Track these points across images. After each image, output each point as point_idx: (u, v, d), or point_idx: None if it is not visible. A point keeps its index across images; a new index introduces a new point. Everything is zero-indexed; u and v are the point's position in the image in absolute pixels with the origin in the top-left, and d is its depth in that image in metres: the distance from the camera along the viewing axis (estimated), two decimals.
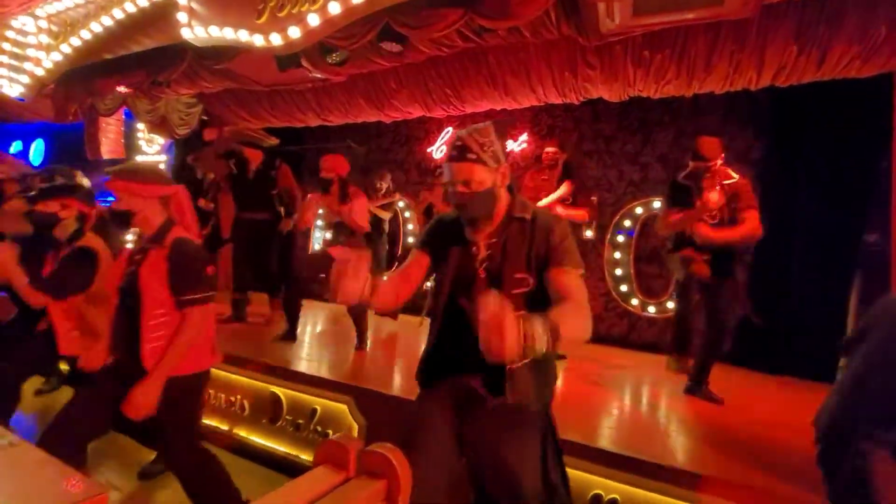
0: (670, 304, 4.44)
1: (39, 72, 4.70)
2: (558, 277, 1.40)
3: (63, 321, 2.32)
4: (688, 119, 4.74)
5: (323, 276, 4.04)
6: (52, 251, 2.47)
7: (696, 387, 3.04)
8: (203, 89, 4.93)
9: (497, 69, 4.44)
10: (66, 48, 4.41)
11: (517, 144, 5.74)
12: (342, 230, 3.88)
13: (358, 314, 3.59)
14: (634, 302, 4.81)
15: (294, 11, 2.95)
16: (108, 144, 6.17)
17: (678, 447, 2.18)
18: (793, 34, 3.20)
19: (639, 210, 4.89)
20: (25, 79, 4.80)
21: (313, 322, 4.81)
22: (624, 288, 4.87)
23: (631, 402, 3.04)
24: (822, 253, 4.07)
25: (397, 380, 2.80)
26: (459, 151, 1.42)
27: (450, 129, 6.15)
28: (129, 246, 2.74)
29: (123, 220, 1.85)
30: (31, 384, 3.59)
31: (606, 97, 4.51)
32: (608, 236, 5.02)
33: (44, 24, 4.60)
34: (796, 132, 4.31)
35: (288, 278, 4.49)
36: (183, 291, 1.82)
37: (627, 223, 4.93)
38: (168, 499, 2.25)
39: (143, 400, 1.70)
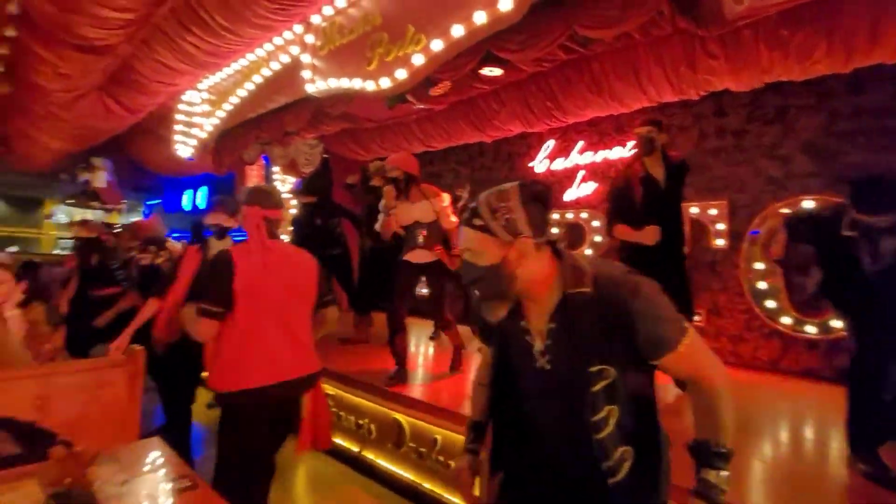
0: (836, 323, 3.70)
1: (202, 135, 5.69)
2: (679, 364, 1.06)
3: None
4: (844, 99, 3.97)
5: (423, 290, 3.81)
6: None
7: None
8: (324, 132, 5.52)
9: (601, 75, 4.24)
10: (220, 113, 5.28)
11: (627, 150, 5.35)
12: (418, 230, 3.36)
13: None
14: (786, 320, 4.10)
15: (400, 55, 3.15)
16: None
17: None
18: None
19: (785, 211, 4.18)
20: (193, 141, 5.84)
21: (416, 338, 4.89)
22: (771, 304, 4.18)
23: (790, 450, 2.55)
24: None
25: None
26: (469, 214, 1.11)
27: (551, 141, 5.99)
28: None
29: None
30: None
31: (734, 88, 4.01)
32: (744, 244, 4.38)
33: (205, 95, 5.57)
34: None
35: (383, 301, 3.98)
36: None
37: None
38: None
39: None
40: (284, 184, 7.51)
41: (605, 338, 1.05)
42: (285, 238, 5.83)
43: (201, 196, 11.21)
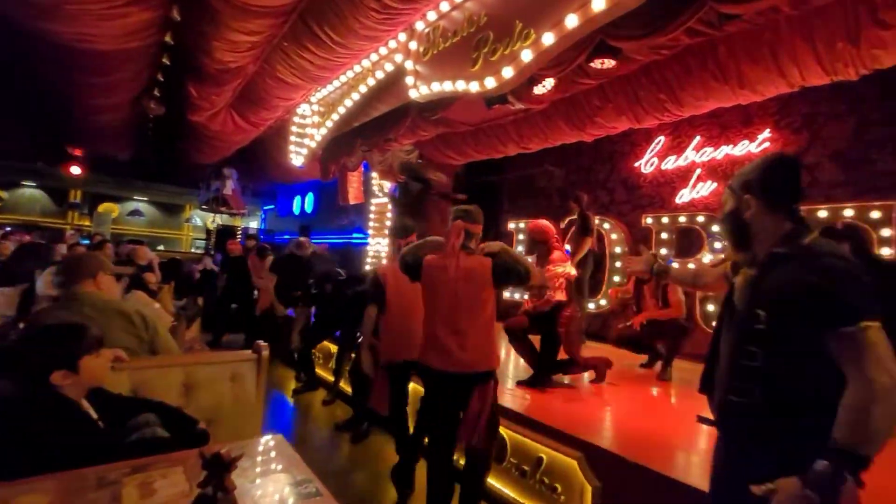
0: None
1: (312, 144, 6.13)
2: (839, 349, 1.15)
3: None
4: None
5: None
6: None
7: None
8: (421, 138, 5.62)
9: (728, 60, 3.72)
10: (329, 123, 5.64)
11: (756, 144, 4.67)
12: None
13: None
14: None
15: (506, 52, 3.05)
16: (353, 192, 7.61)
17: None
18: None
19: None
20: (304, 151, 6.33)
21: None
22: None
23: None
24: None
25: (638, 440, 2.43)
26: None
27: (661, 137, 5.46)
28: None
29: None
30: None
31: None
32: None
33: (315, 107, 6.00)
34: None
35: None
36: None
37: None
38: None
39: None
40: (381, 189, 7.83)
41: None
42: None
43: (309, 201, 12.19)
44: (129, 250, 5.36)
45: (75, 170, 10.97)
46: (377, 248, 7.92)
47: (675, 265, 4.50)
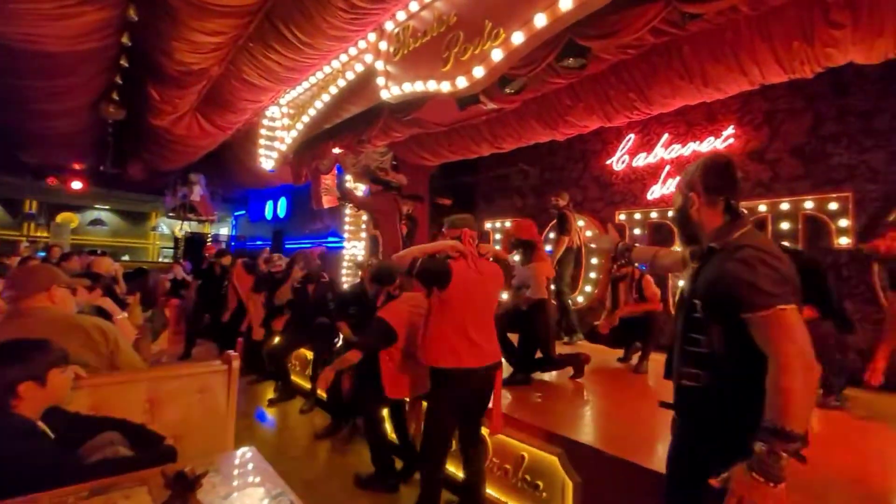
0: None
1: (283, 147, 5.99)
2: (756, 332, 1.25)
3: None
4: None
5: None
6: None
7: None
8: (394, 139, 5.56)
9: (693, 59, 3.83)
10: (299, 126, 5.52)
11: (721, 140, 4.82)
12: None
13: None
14: None
15: (477, 52, 3.04)
16: (327, 196, 7.49)
17: None
18: None
19: None
20: (275, 154, 6.18)
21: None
22: None
23: None
24: None
25: (616, 433, 2.47)
26: None
27: (631, 136, 5.58)
28: None
29: None
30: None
31: (862, 60, 3.44)
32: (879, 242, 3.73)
33: (285, 109, 5.87)
34: None
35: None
36: None
37: None
38: None
39: None
40: (357, 191, 7.73)
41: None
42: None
43: (281, 206, 11.92)
44: (89, 262, 5.10)
45: (76, 185, 10.60)
46: (353, 251, 7.81)
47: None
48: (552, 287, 4.78)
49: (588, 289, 5.70)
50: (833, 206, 3.95)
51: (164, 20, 4.12)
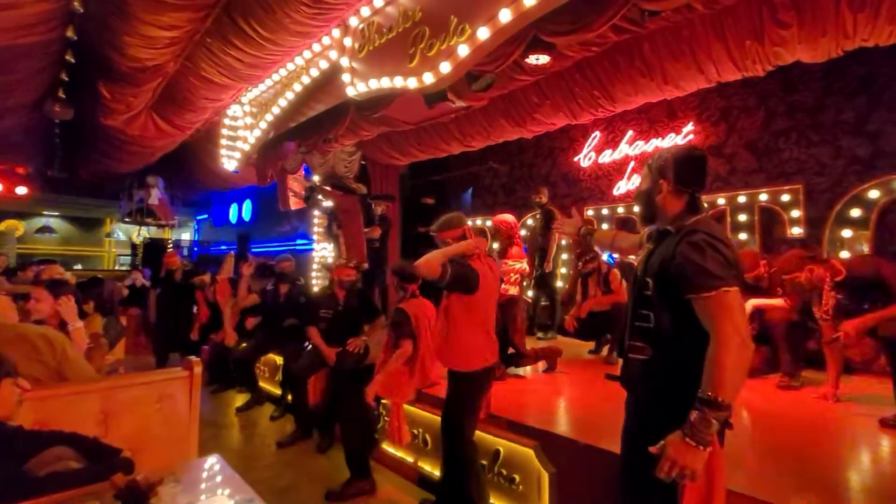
0: None
1: (246, 147, 5.80)
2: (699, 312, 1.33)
3: None
4: None
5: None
6: None
7: None
8: (362, 138, 5.48)
9: (653, 57, 3.95)
10: (263, 124, 5.35)
11: (682, 137, 5.00)
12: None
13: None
14: None
15: (443, 48, 3.03)
16: (294, 197, 7.30)
17: None
18: None
19: (874, 193, 3.74)
20: (237, 154, 5.98)
21: None
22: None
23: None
24: None
25: (589, 423, 2.51)
26: None
27: (597, 133, 5.71)
28: None
29: None
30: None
31: (807, 59, 3.63)
32: (827, 231, 3.95)
33: (247, 108, 5.68)
34: None
35: None
36: None
37: (856, 213, 3.81)
38: None
39: None
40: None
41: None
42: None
43: (247, 209, 11.56)
44: (38, 271, 4.77)
45: (21, 190, 9.84)
46: (323, 253, 7.65)
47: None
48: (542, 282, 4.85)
49: (560, 284, 5.79)
50: (786, 197, 4.16)
51: (113, 13, 3.91)
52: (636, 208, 1.57)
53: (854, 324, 2.59)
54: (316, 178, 5.71)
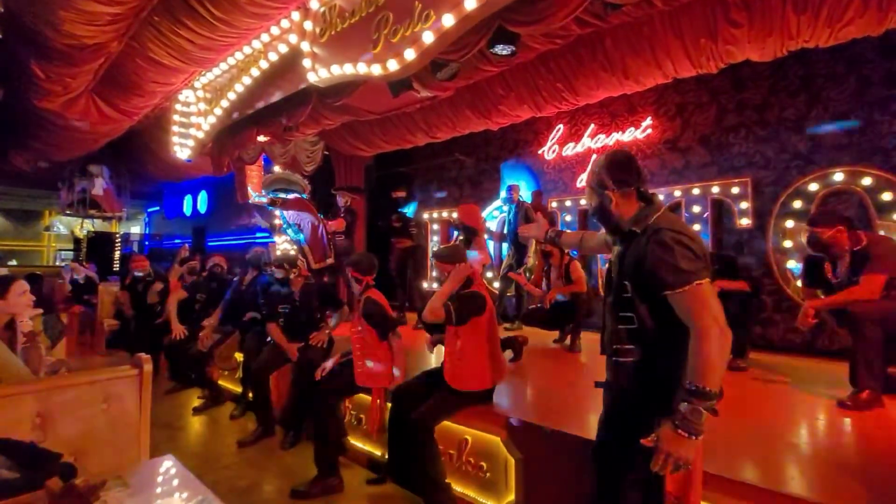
0: None
1: (200, 135, 5.51)
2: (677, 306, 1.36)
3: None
4: (876, 63, 3.77)
5: None
6: None
7: None
8: (325, 127, 5.33)
9: (615, 52, 4.04)
10: (217, 111, 5.10)
11: (640, 131, 5.16)
12: None
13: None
14: None
15: (407, 34, 2.97)
16: (253, 188, 7.02)
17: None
18: None
19: (813, 186, 4.00)
20: (191, 142, 5.67)
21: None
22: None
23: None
24: None
25: (554, 409, 2.55)
26: None
27: (560, 126, 5.79)
28: None
29: None
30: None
31: (756, 58, 3.81)
32: (772, 221, 4.20)
33: (200, 93, 5.39)
34: None
35: None
36: None
37: (798, 204, 4.06)
38: None
39: None
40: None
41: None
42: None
43: (202, 200, 11.03)
44: None
45: None
46: (285, 246, 7.42)
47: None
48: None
49: (526, 276, 5.87)
50: (735, 190, 4.38)
51: None
52: (603, 227, 1.61)
53: (817, 304, 2.73)
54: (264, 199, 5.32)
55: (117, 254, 10.84)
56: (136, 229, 14.15)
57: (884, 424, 2.34)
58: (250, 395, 3.80)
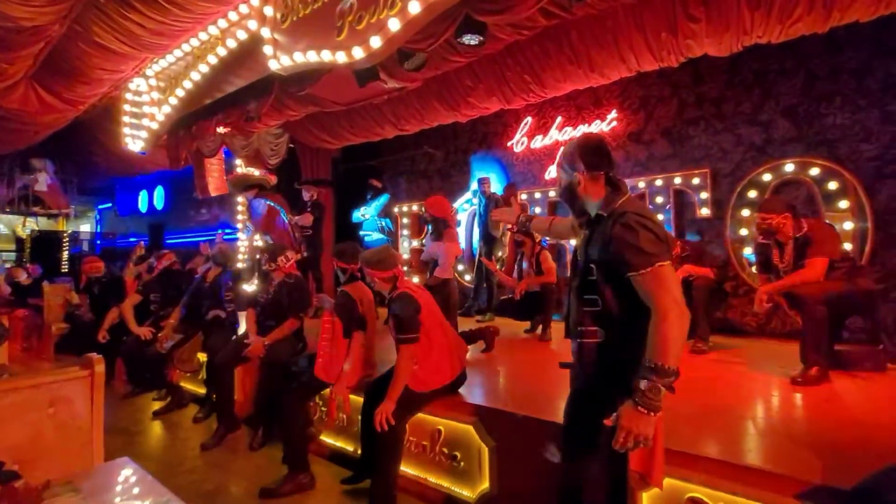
0: None
1: (154, 125, 5.23)
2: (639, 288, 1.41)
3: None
4: (822, 59, 3.98)
5: None
6: None
7: None
8: (289, 118, 5.16)
9: (580, 45, 4.09)
10: (173, 100, 4.85)
11: (606, 124, 5.27)
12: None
13: None
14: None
15: (373, 21, 2.90)
16: (214, 183, 6.74)
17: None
18: None
19: (767, 177, 4.20)
20: (144, 134, 5.37)
21: None
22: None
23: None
24: None
25: (526, 396, 2.58)
26: None
27: (529, 118, 5.84)
28: None
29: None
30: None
31: (713, 53, 3.95)
32: (729, 211, 4.38)
33: (153, 81, 5.10)
34: None
35: None
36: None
37: (753, 194, 4.26)
38: None
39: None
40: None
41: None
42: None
43: (158, 196, 10.51)
44: None
45: None
46: (247, 243, 7.18)
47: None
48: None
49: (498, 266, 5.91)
50: (696, 181, 4.55)
51: None
52: (569, 207, 1.63)
53: (769, 288, 2.87)
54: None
55: (66, 254, 10.19)
56: (86, 227, 13.33)
57: (831, 398, 2.49)
58: (214, 396, 3.66)
